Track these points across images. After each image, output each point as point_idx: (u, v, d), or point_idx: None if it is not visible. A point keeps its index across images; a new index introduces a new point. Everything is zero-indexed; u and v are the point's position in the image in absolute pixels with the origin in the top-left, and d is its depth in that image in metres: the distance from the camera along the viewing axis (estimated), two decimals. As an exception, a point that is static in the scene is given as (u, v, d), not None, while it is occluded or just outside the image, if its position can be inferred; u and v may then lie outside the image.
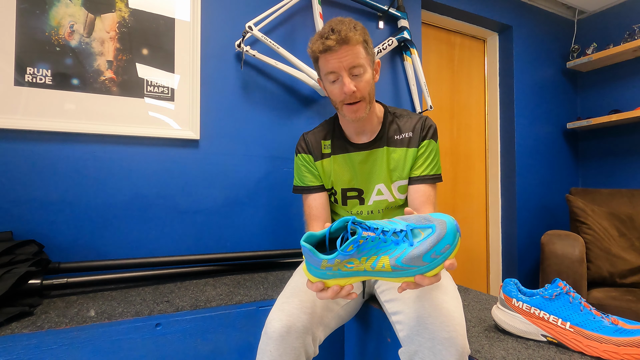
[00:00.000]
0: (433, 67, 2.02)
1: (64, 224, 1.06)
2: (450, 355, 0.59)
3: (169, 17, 1.21)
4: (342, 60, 0.78)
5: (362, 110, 0.84)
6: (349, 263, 0.54)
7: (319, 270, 0.56)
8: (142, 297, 0.95)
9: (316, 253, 0.55)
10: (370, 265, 0.53)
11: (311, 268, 0.58)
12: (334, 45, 0.76)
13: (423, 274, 0.51)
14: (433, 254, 0.50)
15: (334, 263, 0.54)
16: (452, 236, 0.50)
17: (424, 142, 0.89)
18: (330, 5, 1.52)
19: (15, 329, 0.74)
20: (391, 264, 0.52)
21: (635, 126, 2.06)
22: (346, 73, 0.79)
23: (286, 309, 0.70)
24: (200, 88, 1.24)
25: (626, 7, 2.11)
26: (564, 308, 0.69)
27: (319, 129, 0.98)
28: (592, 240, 1.62)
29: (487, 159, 2.22)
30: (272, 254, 1.29)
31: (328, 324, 0.77)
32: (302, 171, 0.96)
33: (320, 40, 0.79)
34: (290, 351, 0.66)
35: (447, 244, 0.50)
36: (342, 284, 0.58)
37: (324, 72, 0.83)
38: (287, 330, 0.67)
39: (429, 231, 0.51)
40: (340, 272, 0.55)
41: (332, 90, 0.84)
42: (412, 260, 0.50)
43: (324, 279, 0.58)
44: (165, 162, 1.20)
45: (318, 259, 0.54)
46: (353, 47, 0.78)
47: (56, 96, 1.05)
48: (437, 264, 0.51)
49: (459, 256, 2.08)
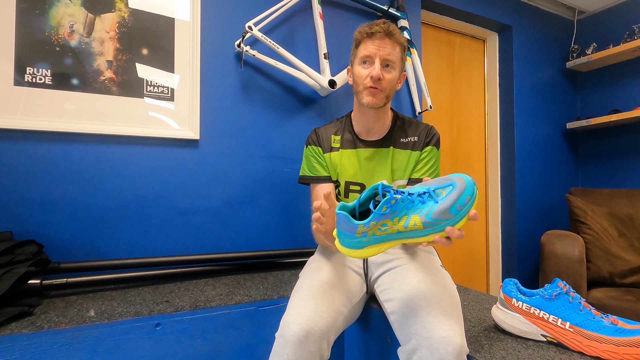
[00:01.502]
0: (433, 67, 2.02)
1: (63, 224, 1.06)
2: (448, 353, 0.59)
3: (169, 17, 1.21)
4: (380, 48, 0.86)
5: (380, 97, 0.89)
6: (383, 226, 0.58)
7: (353, 238, 0.60)
8: (141, 297, 0.95)
9: (352, 220, 0.58)
10: (402, 225, 0.57)
11: (344, 238, 0.61)
12: (381, 32, 0.85)
13: (452, 226, 0.55)
14: (458, 205, 0.55)
15: (370, 227, 0.58)
16: (471, 188, 0.55)
17: (427, 147, 0.95)
18: (330, 5, 1.52)
19: (15, 329, 0.74)
20: (422, 221, 0.56)
21: (635, 126, 2.06)
22: (379, 60, 0.86)
23: (304, 312, 0.69)
24: (200, 88, 1.25)
25: (626, 7, 2.11)
26: (564, 308, 0.69)
27: (331, 125, 1.03)
28: (592, 240, 1.62)
29: (487, 159, 2.22)
30: (272, 254, 1.29)
31: (339, 327, 0.78)
32: (311, 162, 1.00)
33: (369, 26, 0.88)
34: (307, 356, 0.66)
35: (469, 195, 0.55)
36: (374, 253, 0.61)
37: (359, 56, 0.89)
38: (306, 335, 0.66)
39: (450, 188, 0.57)
40: (375, 237, 0.59)
41: (359, 72, 0.90)
42: (441, 214, 0.55)
43: (358, 248, 0.61)
44: (165, 162, 1.20)
45: (354, 225, 0.58)
46: (394, 44, 0.87)
47: (56, 96, 1.05)
48: (462, 214, 0.55)
49: (458, 256, 2.08)
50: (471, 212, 0.55)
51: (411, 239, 0.59)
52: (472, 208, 0.56)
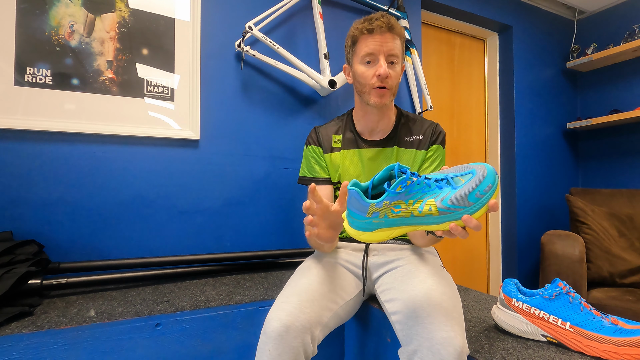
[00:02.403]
0: (433, 67, 2.02)
1: (63, 224, 1.06)
2: (448, 354, 0.59)
3: (169, 17, 1.21)
4: (384, 44, 0.82)
5: (387, 96, 0.86)
6: (396, 207, 0.54)
7: (363, 219, 0.56)
8: (142, 297, 0.95)
9: (364, 197, 0.55)
10: (417, 209, 0.54)
11: (354, 219, 0.58)
12: (382, 27, 0.81)
13: (470, 214, 0.52)
14: (477, 193, 0.52)
15: (382, 207, 0.54)
16: (492, 176, 0.52)
17: (433, 146, 0.92)
18: (331, 5, 1.52)
19: (15, 329, 0.74)
20: (438, 206, 0.53)
21: (635, 126, 2.06)
22: (384, 57, 0.83)
23: (285, 308, 0.70)
24: (200, 88, 1.24)
25: (626, 7, 2.11)
26: (564, 308, 0.69)
27: (332, 124, 1.01)
28: (592, 241, 1.62)
29: (487, 159, 2.22)
30: (272, 254, 1.29)
31: (327, 323, 0.77)
32: (310, 162, 0.98)
33: (367, 22, 0.83)
34: (289, 350, 0.66)
35: (490, 183, 0.52)
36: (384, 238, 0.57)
37: (361, 54, 0.85)
38: (286, 330, 0.67)
39: (469, 176, 0.53)
40: (386, 220, 0.55)
41: (364, 72, 0.85)
42: (459, 200, 0.52)
43: (367, 230, 0.57)
44: (165, 162, 1.20)
45: (366, 204, 0.55)
46: (395, 37, 0.83)
47: (56, 96, 1.05)
48: (482, 203, 0.52)
49: (458, 256, 2.08)
50: (491, 202, 0.52)
51: (425, 226, 0.55)
52: (493, 197, 0.52)
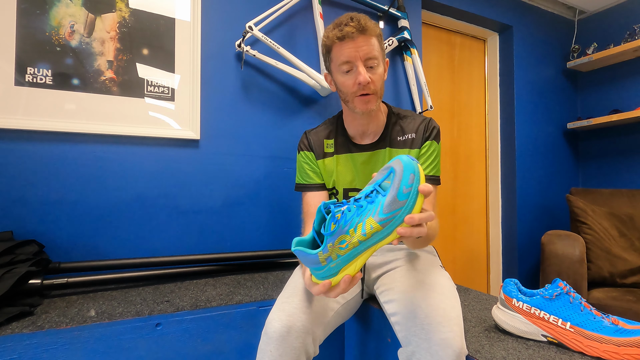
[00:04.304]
0: (433, 67, 2.02)
1: (64, 223, 1.06)
2: (447, 356, 0.59)
3: (169, 17, 1.21)
4: (359, 49, 0.77)
5: (373, 102, 0.83)
6: (341, 243, 0.53)
7: (321, 269, 0.55)
8: (142, 297, 0.95)
9: (308, 251, 0.54)
10: (360, 233, 0.53)
11: (314, 271, 0.57)
12: (354, 32, 0.76)
13: (409, 211, 0.52)
14: (404, 188, 0.51)
15: (329, 250, 0.54)
16: (410, 166, 0.52)
17: (427, 142, 0.88)
18: (330, 5, 1.52)
19: (16, 329, 0.74)
20: (377, 221, 0.52)
21: (635, 126, 2.06)
22: (361, 63, 0.78)
23: (286, 309, 0.70)
24: (201, 88, 1.24)
25: (626, 7, 2.11)
26: (564, 308, 0.69)
27: (322, 128, 0.98)
28: (593, 241, 1.62)
29: (488, 159, 2.22)
30: (272, 254, 1.29)
31: (328, 323, 0.77)
32: (304, 169, 0.96)
33: (338, 28, 0.78)
34: (290, 351, 0.66)
35: (411, 173, 0.51)
36: (352, 273, 0.56)
37: (337, 62, 0.81)
38: (288, 331, 0.67)
39: (391, 176, 0.53)
40: (341, 258, 0.54)
41: (344, 81, 0.82)
42: (391, 205, 0.51)
43: (333, 275, 0.56)
44: (166, 162, 1.20)
45: (313, 256, 0.54)
46: (370, 38, 0.78)
47: (56, 96, 1.05)
48: (414, 195, 0.51)
49: (458, 256, 2.08)
50: (421, 187, 0.51)
51: (379, 244, 0.54)
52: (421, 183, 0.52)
